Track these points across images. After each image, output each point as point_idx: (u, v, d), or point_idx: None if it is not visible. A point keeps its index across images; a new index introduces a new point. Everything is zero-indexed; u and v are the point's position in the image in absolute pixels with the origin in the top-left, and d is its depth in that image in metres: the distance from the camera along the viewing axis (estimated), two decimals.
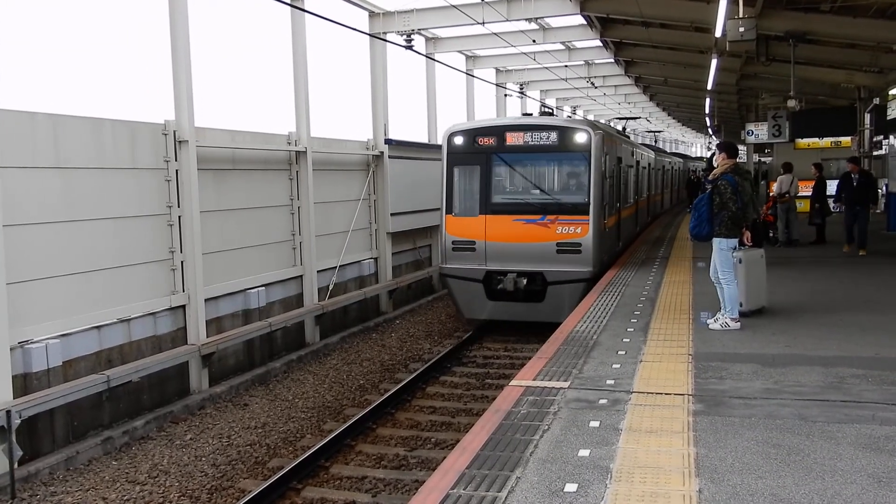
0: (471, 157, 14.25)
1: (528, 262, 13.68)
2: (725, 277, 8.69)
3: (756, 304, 9.27)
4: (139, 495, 8.28)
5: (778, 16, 15.65)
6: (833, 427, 5.29)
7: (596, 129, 14.24)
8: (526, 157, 14.34)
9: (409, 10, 18.71)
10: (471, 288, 14.13)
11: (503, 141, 14.15)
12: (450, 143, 14.45)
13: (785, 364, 7.03)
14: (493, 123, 15.24)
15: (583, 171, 13.95)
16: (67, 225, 10.14)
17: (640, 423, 5.50)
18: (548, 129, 14.14)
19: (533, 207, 14.03)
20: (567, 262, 13.58)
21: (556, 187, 14.72)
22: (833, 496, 4.21)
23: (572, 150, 13.94)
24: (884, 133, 22.70)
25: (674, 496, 4.25)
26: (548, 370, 7.03)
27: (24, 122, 9.59)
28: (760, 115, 29.42)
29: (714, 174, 8.96)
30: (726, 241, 8.71)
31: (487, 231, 14.00)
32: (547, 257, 13.64)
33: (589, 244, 13.56)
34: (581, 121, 15.35)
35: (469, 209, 14.34)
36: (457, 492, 4.42)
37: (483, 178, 14.16)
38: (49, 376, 9.55)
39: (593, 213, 13.65)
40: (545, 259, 13.65)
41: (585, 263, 13.56)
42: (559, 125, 14.58)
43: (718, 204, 8.61)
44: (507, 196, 14.55)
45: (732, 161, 8.91)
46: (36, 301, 9.61)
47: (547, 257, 13.64)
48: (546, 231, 13.71)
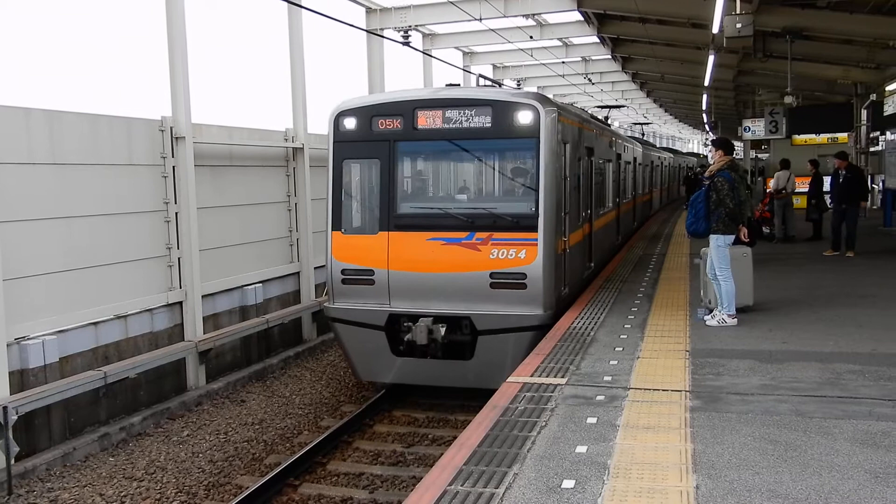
0: (367, 147, 10.05)
1: (449, 301, 9.57)
2: (723, 274, 8.69)
3: (741, 303, 9.20)
4: (136, 491, 8.28)
5: (775, 12, 15.65)
6: (830, 423, 5.30)
7: (548, 106, 9.75)
8: (446, 147, 10.10)
9: (406, 7, 18.69)
10: (368, 338, 9.94)
11: (413, 123, 9.81)
12: (337, 128, 10.14)
13: (782, 360, 7.05)
14: (399, 98, 10.22)
15: (529, 166, 9.77)
16: (64, 221, 10.11)
17: (637, 419, 5.51)
18: (477, 104, 9.69)
19: (457, 221, 9.71)
20: (506, 300, 9.40)
21: (490, 191, 10.73)
22: (830, 492, 4.22)
23: (514, 136, 9.65)
24: (880, 129, 22.73)
25: (671, 492, 4.26)
26: (545, 366, 7.04)
27: (19, 118, 9.56)
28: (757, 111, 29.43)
29: (710, 171, 8.98)
30: (724, 238, 8.71)
31: (391, 255, 9.75)
32: (477, 294, 9.46)
33: (538, 274, 9.32)
34: (527, 93, 10.65)
35: (365, 224, 10.27)
36: (454, 488, 4.43)
37: (384, 179, 9.91)
38: (46, 372, 9.53)
39: (545, 228, 9.40)
40: (474, 297, 9.47)
41: (533, 303, 9.33)
42: (493, 98, 9.88)
43: (715, 201, 8.62)
44: (420, 204, 10.41)
45: (729, 158, 8.91)
46: (32, 297, 9.59)
47: (477, 294, 9.46)
48: (475, 256, 9.49)
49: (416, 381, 10.23)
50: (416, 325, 9.43)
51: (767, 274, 11.74)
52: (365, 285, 9.91)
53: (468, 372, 9.72)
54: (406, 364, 9.93)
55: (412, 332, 9.46)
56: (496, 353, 9.42)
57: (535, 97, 9.90)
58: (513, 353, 9.06)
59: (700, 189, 9.00)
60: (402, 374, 10.08)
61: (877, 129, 23.15)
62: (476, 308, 9.47)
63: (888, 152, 21.50)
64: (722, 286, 8.69)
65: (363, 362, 10.29)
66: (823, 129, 26.28)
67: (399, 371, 10.06)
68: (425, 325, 9.38)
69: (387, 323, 9.83)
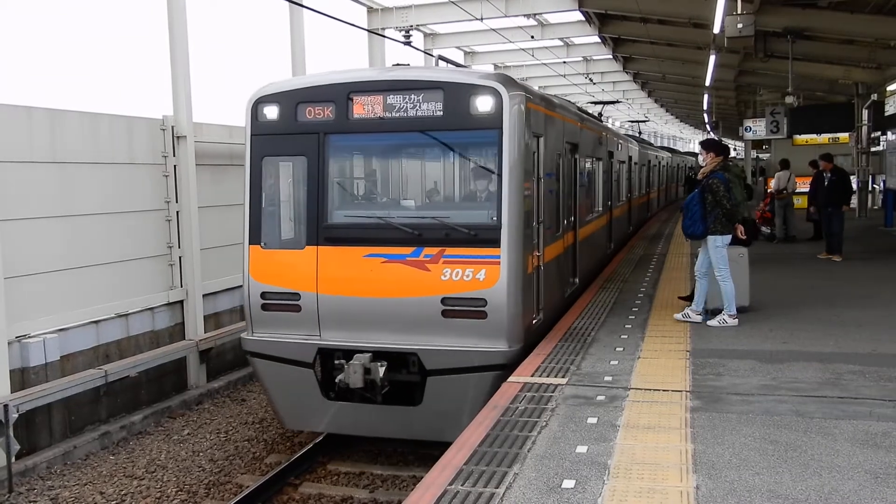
0: (291, 141, 8.25)
1: (391, 332, 7.77)
2: (722, 274, 8.69)
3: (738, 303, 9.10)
4: (136, 490, 8.28)
5: (776, 12, 15.67)
6: (830, 423, 5.31)
7: (513, 89, 7.80)
8: (388, 141, 8.44)
9: (407, 6, 18.72)
10: (294, 377, 8.15)
11: (347, 111, 7.99)
12: (256, 119, 8.30)
13: (782, 360, 7.05)
14: (331, 80, 8.26)
15: (490, 164, 7.90)
16: (65, 220, 10.13)
17: (637, 419, 5.51)
18: (425, 87, 7.85)
19: (401, 233, 7.83)
20: (462, 332, 7.59)
21: (442, 196, 9.20)
22: (830, 492, 4.22)
23: (471, 126, 7.77)
24: (882, 129, 22.74)
25: (671, 492, 4.26)
26: (545, 366, 7.04)
27: (20, 116, 9.57)
28: (758, 111, 29.45)
29: (703, 172, 8.96)
30: (721, 238, 8.71)
31: (321, 275, 7.97)
32: (425, 324, 7.67)
33: (501, 300, 7.49)
34: (488, 74, 8.58)
35: (289, 236, 8.55)
36: (455, 487, 4.43)
37: (312, 181, 8.11)
38: (47, 371, 9.54)
39: (510, 241, 7.56)
40: (422, 328, 7.69)
41: (495, 336, 7.52)
42: (444, 80, 8.00)
43: (711, 202, 8.63)
44: (356, 213, 8.46)
45: (721, 158, 8.93)
46: (34, 296, 9.60)
47: (425, 324, 7.67)
48: (423, 276, 7.69)
49: (354, 431, 8.41)
50: (350, 363, 7.59)
51: (768, 274, 11.75)
52: (289, 312, 8.08)
53: (415, 421, 7.91)
54: (342, 410, 8.11)
55: (344, 371, 7.63)
56: (450, 399, 7.62)
57: (498, 78, 7.91)
58: (473, 398, 7.35)
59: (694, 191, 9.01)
60: (336, 421, 8.27)
61: (878, 130, 23.15)
62: (425, 342, 7.64)
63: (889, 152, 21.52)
64: (722, 287, 8.69)
65: (289, 406, 8.42)
66: (824, 129, 26.28)
67: (333, 418, 8.24)
68: (360, 364, 7.53)
69: (316, 359, 8.04)
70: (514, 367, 7.21)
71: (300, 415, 8.41)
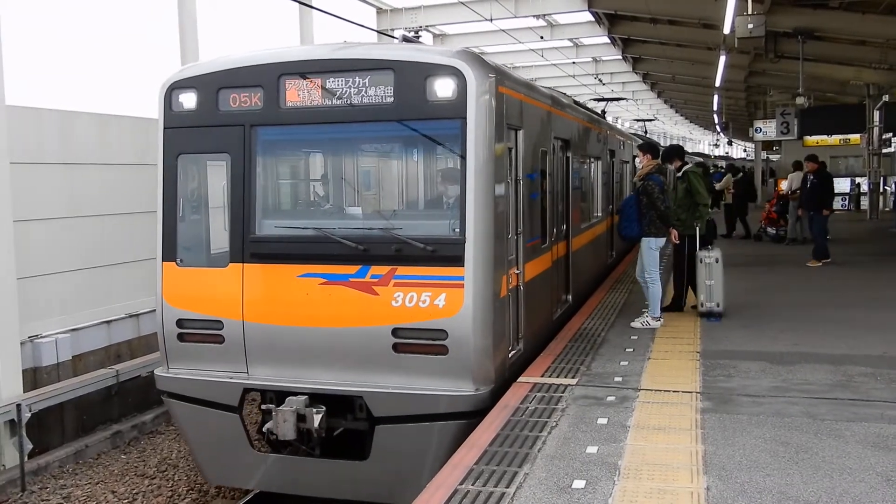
0: (211, 135, 6.78)
1: (332, 370, 6.44)
2: (651, 277, 8.76)
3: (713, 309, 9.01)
4: (148, 489, 8.33)
5: (787, 12, 15.62)
6: (841, 425, 5.29)
7: (481, 69, 6.28)
8: (328, 134, 7.04)
9: (416, 7, 18.76)
10: (216, 423, 6.83)
11: (279, 98, 6.55)
12: (170, 108, 6.85)
13: (793, 362, 7.03)
14: (258, 60, 6.75)
15: (452, 162, 6.67)
16: (77, 220, 10.20)
17: (647, 420, 5.51)
18: (372, 67, 6.37)
19: (343, 248, 6.37)
20: (418, 371, 6.23)
21: (394, 202, 8.05)
22: (841, 494, 4.21)
23: (428, 116, 6.30)
24: (893, 130, 22.63)
25: (681, 493, 4.26)
26: (556, 367, 7.04)
27: (31, 118, 9.63)
28: (769, 112, 29.35)
29: (639, 175, 9.04)
30: (654, 241, 8.78)
31: (247, 299, 6.60)
32: (374, 361, 6.30)
33: (466, 331, 6.10)
34: (449, 50, 6.70)
35: (210, 252, 7.17)
36: (465, 487, 4.44)
37: (236, 184, 6.72)
38: (59, 370, 9.62)
39: (477, 258, 6.13)
40: (369, 364, 6.32)
41: (459, 375, 6.16)
42: (395, 58, 6.44)
43: (646, 204, 8.67)
44: (288, 222, 6.97)
45: (657, 162, 9.03)
46: (45, 296, 9.66)
47: (374, 361, 6.30)
48: (370, 301, 6.29)
49: (289, 490, 6.92)
50: (279, 409, 6.25)
51: (779, 276, 11.71)
52: (211, 343, 6.70)
53: (362, 479, 6.49)
54: (275, 464, 6.76)
55: (273, 418, 6.30)
56: (405, 452, 6.25)
57: (461, 56, 6.33)
58: (433, 452, 6.07)
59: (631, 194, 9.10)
60: (267, 478, 6.84)
61: (889, 131, 23.06)
62: (372, 382, 6.27)
63: None
64: (650, 289, 8.76)
65: (211, 458, 7.00)
66: (835, 130, 26.20)
67: (265, 474, 6.84)
68: (292, 410, 6.19)
69: (242, 401, 6.74)
70: (484, 414, 5.84)
71: (225, 468, 7.00)
